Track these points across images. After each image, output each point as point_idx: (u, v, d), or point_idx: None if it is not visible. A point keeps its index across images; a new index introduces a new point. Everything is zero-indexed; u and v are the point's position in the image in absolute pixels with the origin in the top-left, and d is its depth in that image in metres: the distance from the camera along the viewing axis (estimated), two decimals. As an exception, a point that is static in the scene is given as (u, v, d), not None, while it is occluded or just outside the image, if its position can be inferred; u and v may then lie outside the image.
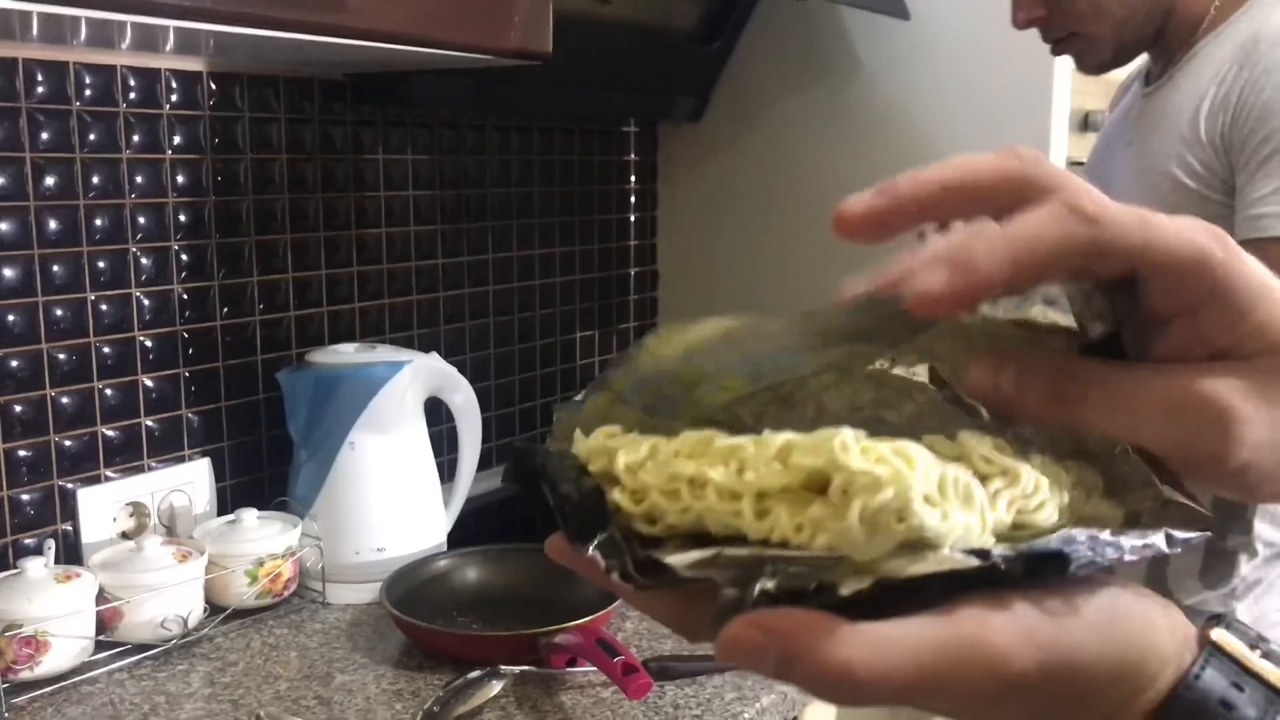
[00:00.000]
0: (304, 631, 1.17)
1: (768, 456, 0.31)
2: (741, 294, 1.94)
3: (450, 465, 1.37)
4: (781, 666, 0.29)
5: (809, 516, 0.30)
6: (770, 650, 0.29)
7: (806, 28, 1.80)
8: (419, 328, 1.58)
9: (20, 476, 1.15)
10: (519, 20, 1.11)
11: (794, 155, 1.85)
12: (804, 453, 0.31)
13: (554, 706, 1.01)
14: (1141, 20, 1.11)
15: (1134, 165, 1.12)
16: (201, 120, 1.29)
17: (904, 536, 0.29)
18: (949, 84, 1.67)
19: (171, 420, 1.29)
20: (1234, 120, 1.00)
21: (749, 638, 0.29)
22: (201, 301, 1.30)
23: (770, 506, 0.31)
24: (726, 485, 0.32)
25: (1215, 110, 1.01)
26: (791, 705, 1.07)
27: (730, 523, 0.31)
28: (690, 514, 0.32)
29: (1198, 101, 1.03)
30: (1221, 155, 1.01)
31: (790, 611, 0.29)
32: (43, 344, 1.16)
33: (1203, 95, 1.03)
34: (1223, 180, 1.00)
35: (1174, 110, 1.07)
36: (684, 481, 0.32)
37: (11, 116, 1.12)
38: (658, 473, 0.33)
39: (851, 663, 0.28)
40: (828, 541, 0.30)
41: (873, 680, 0.29)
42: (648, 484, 0.33)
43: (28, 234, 1.14)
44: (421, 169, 1.56)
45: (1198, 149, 1.03)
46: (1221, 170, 1.01)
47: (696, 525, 0.32)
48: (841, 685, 0.29)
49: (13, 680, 1.01)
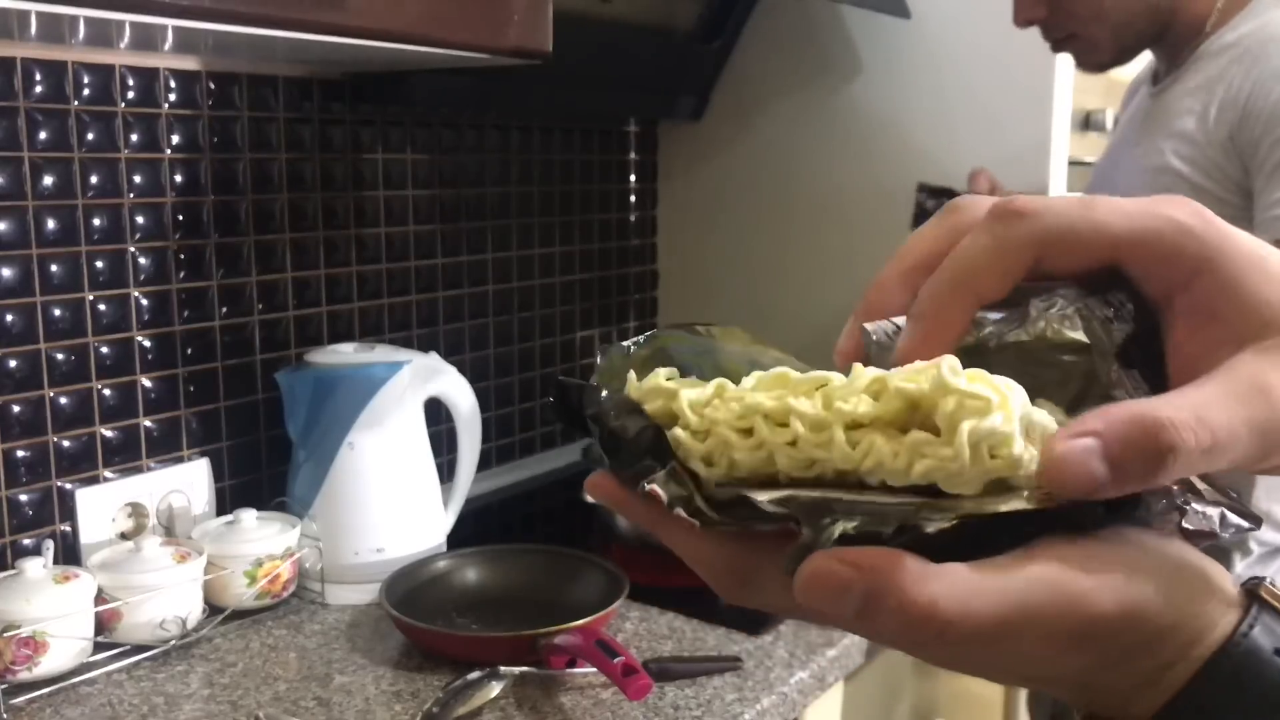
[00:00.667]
0: (303, 632, 1.17)
1: (856, 389, 0.31)
2: (741, 293, 1.94)
3: (449, 465, 1.37)
4: (866, 603, 0.28)
5: (908, 442, 0.29)
6: (856, 586, 0.28)
7: (806, 27, 1.80)
8: (418, 327, 1.58)
9: (19, 477, 1.15)
10: (519, 19, 1.11)
11: (794, 154, 1.84)
12: (903, 381, 0.30)
13: (553, 707, 1.01)
14: (1142, 24, 1.11)
15: (1142, 165, 1.13)
16: (200, 119, 1.28)
17: (999, 470, 0.29)
18: (949, 83, 1.66)
19: (170, 420, 1.28)
20: (1243, 121, 1.00)
21: (834, 571, 0.28)
22: (200, 301, 1.30)
23: (860, 438, 0.30)
24: (814, 416, 0.30)
25: (1223, 111, 1.01)
26: (792, 706, 1.07)
27: (813, 456, 0.30)
28: (762, 451, 0.31)
29: (1205, 102, 1.04)
30: (1233, 157, 1.01)
31: (876, 549, 0.28)
32: (41, 344, 1.16)
33: (1210, 96, 1.03)
34: (1236, 182, 1.01)
35: (1182, 111, 1.07)
36: (760, 415, 0.31)
37: (10, 116, 1.12)
38: (727, 409, 0.32)
39: (937, 600, 0.28)
40: (925, 469, 0.29)
41: (958, 619, 0.28)
42: (717, 419, 0.32)
43: (26, 234, 1.14)
44: (421, 168, 1.56)
45: (1208, 149, 1.03)
46: (1235, 172, 1.01)
47: (761, 467, 0.31)
48: (927, 624, 0.28)
49: (11, 681, 1.01)
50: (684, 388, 0.33)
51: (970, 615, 0.28)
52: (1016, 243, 0.32)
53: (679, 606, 1.22)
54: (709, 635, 1.16)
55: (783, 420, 0.31)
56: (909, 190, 1.69)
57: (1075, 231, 0.32)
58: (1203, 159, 1.03)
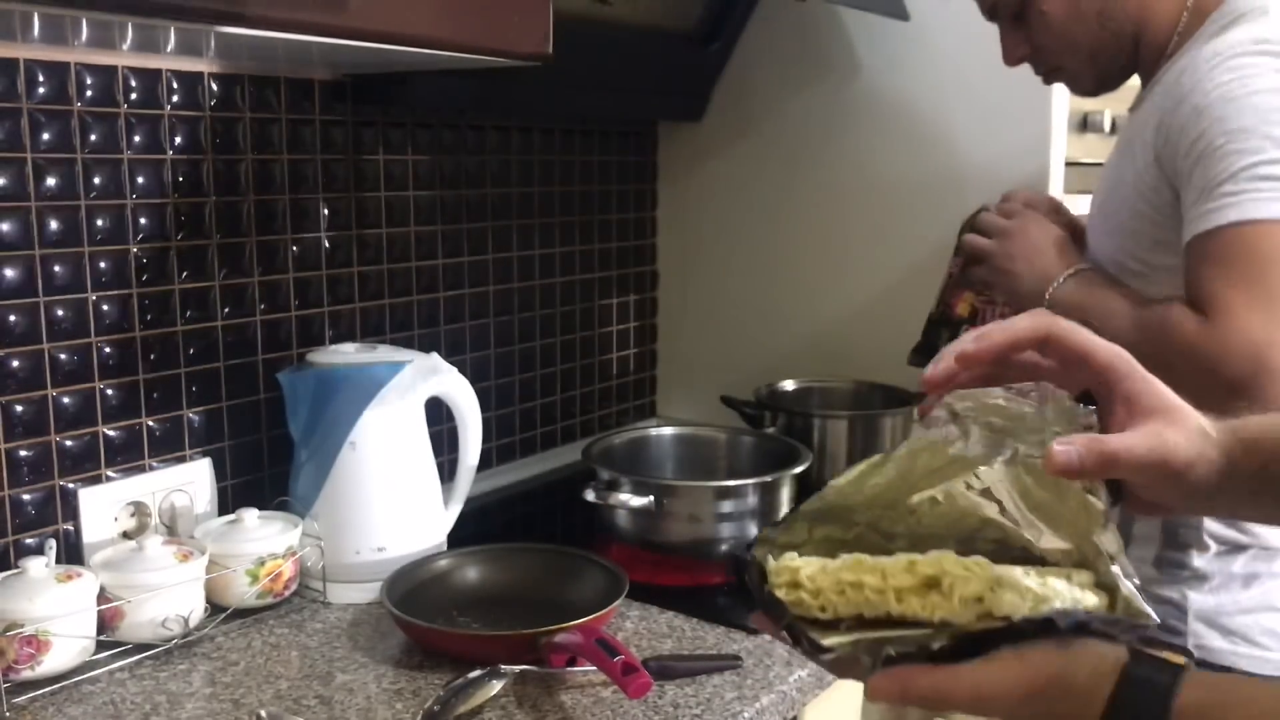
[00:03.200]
0: (305, 631, 1.17)
1: (900, 568, 0.59)
2: (741, 294, 1.94)
3: (450, 465, 1.37)
4: (903, 697, 0.57)
5: (930, 600, 0.58)
6: (895, 690, 0.57)
7: (806, 28, 1.80)
8: (419, 328, 1.58)
9: (21, 476, 1.16)
10: (519, 21, 1.11)
11: (794, 155, 1.85)
12: (924, 566, 0.59)
13: (554, 706, 1.01)
14: (1112, 50, 1.16)
15: (1108, 185, 1.19)
16: (202, 120, 1.29)
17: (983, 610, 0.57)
18: (949, 84, 1.67)
19: (172, 420, 1.29)
20: (1164, 146, 1.06)
21: (885, 684, 0.57)
22: (203, 302, 1.31)
23: (904, 596, 0.59)
24: (876, 586, 0.59)
25: (1155, 137, 1.07)
26: (791, 705, 1.08)
27: (879, 605, 0.59)
28: (850, 604, 0.59)
29: (1146, 128, 1.10)
30: (1163, 179, 1.08)
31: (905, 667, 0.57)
32: (44, 344, 1.16)
33: (1149, 122, 1.09)
34: (1169, 204, 1.06)
35: (1136, 135, 1.13)
36: (848, 585, 0.60)
37: (13, 117, 1.12)
38: (827, 580, 0.60)
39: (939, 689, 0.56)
40: (943, 615, 0.58)
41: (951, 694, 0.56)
42: (823, 586, 0.60)
43: (29, 234, 1.14)
44: (422, 169, 1.56)
45: (1146, 174, 1.09)
46: (1167, 193, 1.07)
47: (854, 611, 0.59)
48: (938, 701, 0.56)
49: (14, 680, 1.01)
50: (801, 565, 0.61)
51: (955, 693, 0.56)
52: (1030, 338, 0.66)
53: (679, 605, 1.22)
54: (709, 634, 1.16)
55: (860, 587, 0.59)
56: (908, 190, 1.69)
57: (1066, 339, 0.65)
58: (1142, 183, 1.10)
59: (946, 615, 0.57)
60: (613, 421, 1.97)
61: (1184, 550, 1.13)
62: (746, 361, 1.92)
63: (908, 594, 0.58)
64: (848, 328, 1.80)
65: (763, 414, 1.68)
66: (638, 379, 2.05)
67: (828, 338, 1.83)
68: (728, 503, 1.29)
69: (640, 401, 2.05)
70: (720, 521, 1.31)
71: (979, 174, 1.63)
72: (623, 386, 2.01)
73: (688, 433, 1.59)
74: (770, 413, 1.67)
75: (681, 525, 1.31)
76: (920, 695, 0.56)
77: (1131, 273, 1.11)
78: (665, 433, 1.58)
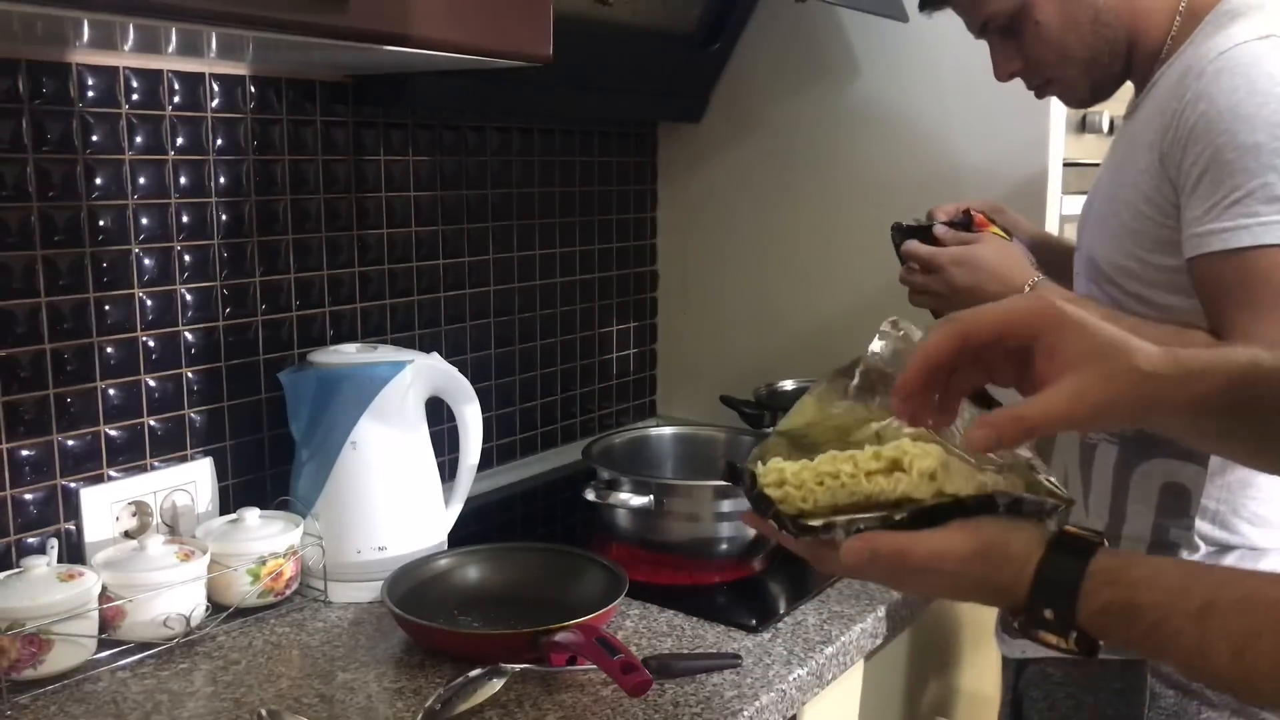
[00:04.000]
0: (306, 630, 1.18)
1: (868, 455, 0.70)
2: (740, 294, 1.95)
3: (451, 465, 1.37)
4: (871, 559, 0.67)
5: (894, 477, 0.68)
6: (865, 550, 0.67)
7: (805, 29, 1.81)
8: (420, 328, 1.59)
9: (23, 476, 1.16)
10: (520, 22, 1.11)
11: (793, 156, 1.85)
12: (888, 451, 0.69)
13: (554, 704, 1.01)
14: (1106, 57, 1.16)
15: (1104, 191, 1.19)
16: (204, 121, 1.29)
17: (936, 488, 0.68)
18: (947, 86, 1.67)
19: (174, 420, 1.29)
20: (1171, 147, 1.05)
21: (856, 545, 0.67)
22: (204, 302, 1.31)
23: (872, 476, 0.69)
24: (850, 471, 0.69)
25: (1161, 139, 1.07)
26: (790, 704, 1.08)
27: (852, 489, 0.69)
28: (828, 492, 0.69)
29: (1148, 130, 1.09)
30: (1165, 181, 1.07)
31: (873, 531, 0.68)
32: (46, 344, 1.17)
33: (1151, 124, 1.09)
34: (1174, 204, 1.06)
35: (1135, 139, 1.12)
36: (826, 474, 0.70)
37: (15, 118, 1.12)
38: (809, 474, 0.70)
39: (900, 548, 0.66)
40: (905, 489, 0.68)
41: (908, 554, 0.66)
42: (805, 479, 0.70)
43: (31, 234, 1.15)
44: (423, 170, 1.57)
45: (1147, 175, 1.09)
46: (1170, 194, 1.07)
47: (831, 500, 0.69)
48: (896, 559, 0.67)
49: (16, 679, 1.01)
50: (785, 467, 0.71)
51: (914, 551, 0.66)
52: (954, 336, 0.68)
53: (678, 604, 1.23)
54: (708, 633, 1.17)
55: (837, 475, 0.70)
56: (907, 190, 1.69)
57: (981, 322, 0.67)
58: (1145, 184, 1.09)
59: (908, 490, 0.67)
60: (613, 421, 1.98)
61: (1173, 550, 1.13)
62: (746, 361, 1.92)
63: (875, 475, 0.68)
64: (847, 328, 1.81)
65: (762, 414, 1.68)
66: (638, 379, 2.05)
67: (827, 338, 1.83)
68: (727, 502, 1.30)
69: (640, 401, 2.06)
70: (720, 521, 1.31)
71: (978, 174, 1.64)
72: (623, 386, 2.01)
73: (687, 432, 1.60)
74: (770, 412, 1.67)
75: (681, 525, 1.31)
76: (885, 555, 0.66)
77: (1132, 274, 1.11)
78: (665, 432, 1.58)
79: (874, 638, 1.23)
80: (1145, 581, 0.62)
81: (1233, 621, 0.59)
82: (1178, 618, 0.60)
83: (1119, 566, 0.63)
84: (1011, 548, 0.65)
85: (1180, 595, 0.61)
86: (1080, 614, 0.63)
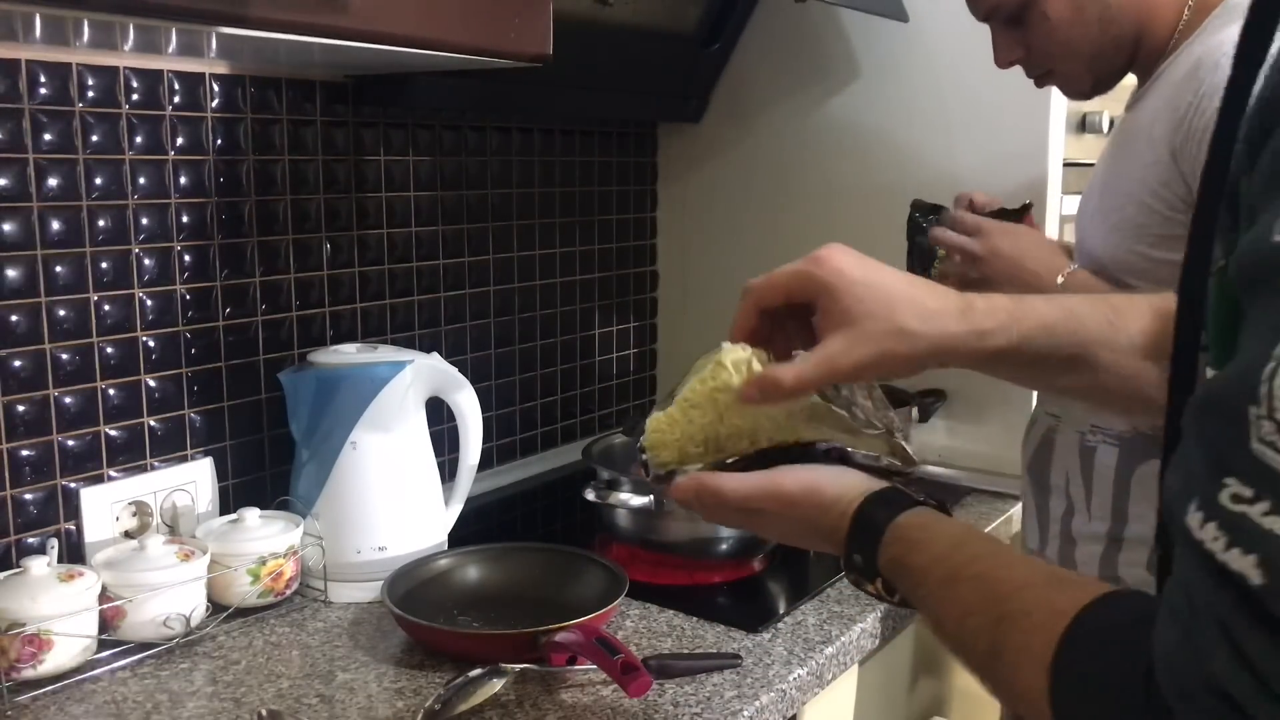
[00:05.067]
0: (306, 630, 1.18)
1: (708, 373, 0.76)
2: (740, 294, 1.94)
3: (451, 465, 1.38)
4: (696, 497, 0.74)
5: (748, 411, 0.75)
6: (690, 488, 0.75)
7: (805, 29, 1.81)
8: (420, 328, 1.59)
9: (23, 476, 1.16)
10: (520, 22, 1.12)
11: (793, 156, 1.85)
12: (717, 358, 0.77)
13: (554, 704, 1.01)
14: (1111, 52, 1.16)
15: (1103, 181, 1.19)
16: (204, 121, 1.29)
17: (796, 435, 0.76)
18: (947, 86, 1.67)
19: (174, 420, 1.29)
20: (1184, 142, 1.05)
21: (685, 483, 0.75)
22: (204, 302, 1.31)
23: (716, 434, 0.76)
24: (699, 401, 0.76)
25: (1171, 132, 1.06)
26: (790, 704, 1.08)
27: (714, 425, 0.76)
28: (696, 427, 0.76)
29: (1156, 123, 1.09)
30: (1176, 175, 1.07)
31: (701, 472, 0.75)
32: (46, 344, 1.17)
33: (1160, 117, 1.08)
34: (1183, 199, 1.05)
35: (1140, 131, 1.12)
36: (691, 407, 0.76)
37: (14, 118, 1.13)
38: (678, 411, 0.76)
39: (720, 488, 0.73)
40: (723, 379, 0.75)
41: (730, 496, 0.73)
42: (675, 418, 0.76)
43: (31, 235, 1.15)
44: (423, 170, 1.57)
45: (1156, 169, 1.08)
46: (1180, 189, 1.05)
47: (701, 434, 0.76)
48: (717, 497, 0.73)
49: (16, 679, 1.01)
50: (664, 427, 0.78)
51: (728, 489, 0.73)
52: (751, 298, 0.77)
53: (678, 604, 1.23)
54: (708, 633, 1.17)
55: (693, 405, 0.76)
56: (907, 191, 1.69)
57: (771, 288, 0.75)
58: (1152, 178, 1.08)
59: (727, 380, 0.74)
60: (613, 421, 1.98)
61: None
62: (746, 362, 1.92)
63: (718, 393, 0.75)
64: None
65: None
66: (638, 379, 2.05)
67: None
68: (727, 502, 1.30)
69: (640, 401, 2.06)
70: (720, 521, 1.31)
71: (978, 175, 1.64)
72: (623, 386, 2.01)
73: (687, 433, 1.59)
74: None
75: (681, 525, 1.32)
76: (706, 492, 0.73)
77: (1134, 269, 1.11)
78: (665, 433, 1.58)
79: (874, 638, 1.23)
80: (920, 545, 0.65)
81: (964, 593, 0.61)
82: (931, 583, 0.63)
83: (915, 525, 0.66)
84: (829, 492, 0.70)
85: (937, 562, 0.64)
86: (879, 562, 0.67)
